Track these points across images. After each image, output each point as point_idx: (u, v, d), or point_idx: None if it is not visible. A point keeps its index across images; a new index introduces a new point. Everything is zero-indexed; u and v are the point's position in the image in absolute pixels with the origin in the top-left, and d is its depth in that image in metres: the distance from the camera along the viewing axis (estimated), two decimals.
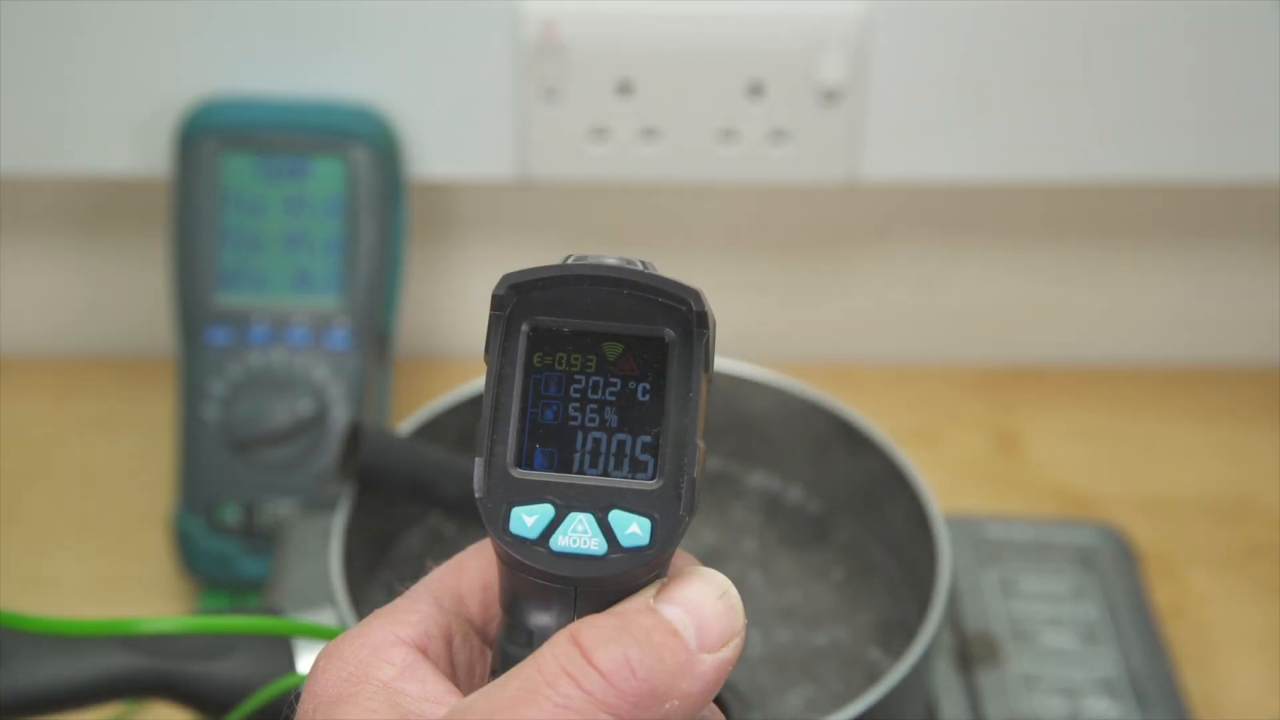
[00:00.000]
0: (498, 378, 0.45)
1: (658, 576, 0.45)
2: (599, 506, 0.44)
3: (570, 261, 0.46)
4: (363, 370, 0.91)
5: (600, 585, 0.44)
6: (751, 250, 1.06)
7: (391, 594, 0.75)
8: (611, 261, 0.45)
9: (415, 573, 0.75)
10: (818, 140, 0.94)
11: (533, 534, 0.44)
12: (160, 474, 0.96)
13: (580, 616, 0.44)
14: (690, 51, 0.92)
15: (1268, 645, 0.89)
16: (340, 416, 0.90)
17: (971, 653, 0.81)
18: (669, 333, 0.45)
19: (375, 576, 0.76)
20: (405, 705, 0.44)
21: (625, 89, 0.93)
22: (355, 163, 0.92)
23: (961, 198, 1.04)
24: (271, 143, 0.92)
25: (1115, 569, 0.86)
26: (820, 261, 1.07)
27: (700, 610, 0.44)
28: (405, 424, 0.77)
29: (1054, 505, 0.98)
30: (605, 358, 0.45)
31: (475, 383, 0.78)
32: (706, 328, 0.45)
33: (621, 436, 0.45)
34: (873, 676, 0.73)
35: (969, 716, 0.78)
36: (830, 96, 0.93)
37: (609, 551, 0.44)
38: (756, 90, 0.93)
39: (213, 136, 0.91)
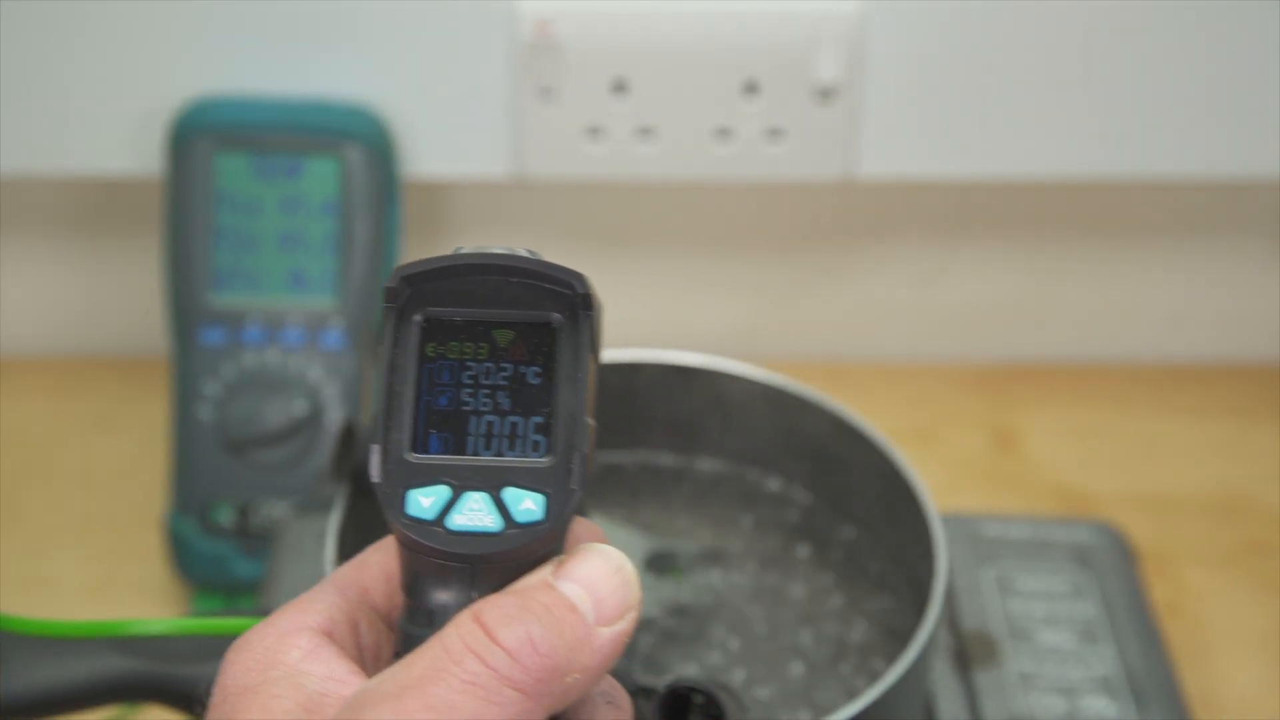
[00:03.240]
0: (392, 368, 0.47)
1: (554, 552, 0.46)
2: (493, 485, 0.46)
3: (460, 252, 0.47)
4: (358, 370, 0.91)
5: (498, 562, 0.45)
6: (747, 249, 1.06)
7: None
8: (498, 250, 0.47)
9: None
10: (813, 138, 0.94)
11: (430, 515, 0.45)
12: (157, 475, 0.96)
13: (480, 594, 0.45)
14: (685, 50, 0.92)
15: (1265, 643, 0.89)
16: (335, 417, 0.89)
17: (969, 652, 0.80)
18: (556, 317, 0.47)
19: None
20: (311, 685, 0.45)
21: (620, 88, 0.93)
22: (350, 162, 0.91)
23: (958, 195, 1.03)
24: (266, 142, 0.91)
25: (1113, 567, 0.85)
26: (816, 260, 1.06)
27: (597, 586, 0.45)
28: None
29: (1052, 503, 0.97)
30: (497, 344, 0.47)
31: None
32: (591, 310, 0.47)
33: (514, 418, 0.46)
34: (870, 676, 0.72)
35: (967, 716, 0.77)
36: (826, 94, 0.93)
37: (505, 528, 0.45)
38: (752, 88, 0.93)
39: (207, 136, 0.91)
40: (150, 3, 0.91)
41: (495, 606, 0.44)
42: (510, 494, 0.45)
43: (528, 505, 0.45)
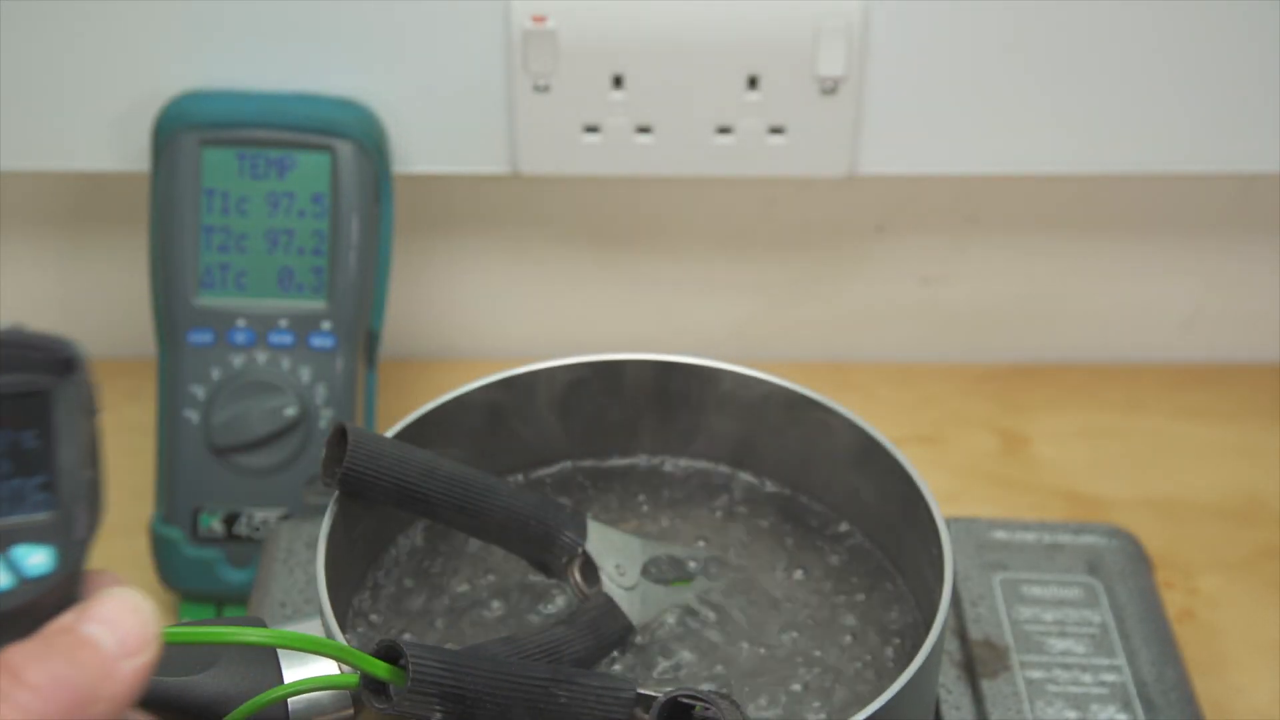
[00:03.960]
0: None
1: (74, 600, 0.49)
2: (1, 546, 0.48)
3: None
4: (348, 372, 0.89)
5: (16, 616, 0.48)
6: (748, 246, 1.06)
7: (380, 599, 0.73)
8: None
9: (403, 580, 0.74)
10: (816, 134, 0.94)
11: None
12: (145, 480, 0.95)
13: None
14: (685, 44, 0.91)
15: None
16: (325, 420, 0.89)
17: (977, 660, 0.80)
18: (47, 381, 0.50)
19: (362, 585, 0.75)
20: None
21: (619, 82, 0.92)
22: (341, 158, 0.90)
23: (963, 192, 1.03)
24: (254, 138, 0.90)
25: (1124, 573, 0.85)
26: (819, 258, 1.06)
27: (116, 623, 0.49)
28: (393, 427, 0.75)
29: (1061, 508, 0.97)
30: None
31: (467, 384, 0.77)
32: (77, 370, 0.50)
33: (15, 482, 0.49)
34: (876, 685, 0.71)
35: None
36: (828, 89, 0.92)
37: (18, 584, 0.48)
38: (753, 83, 0.92)
39: (193, 131, 0.90)
40: None
41: (19, 651, 0.47)
42: (18, 551, 0.48)
43: (37, 559, 0.48)
